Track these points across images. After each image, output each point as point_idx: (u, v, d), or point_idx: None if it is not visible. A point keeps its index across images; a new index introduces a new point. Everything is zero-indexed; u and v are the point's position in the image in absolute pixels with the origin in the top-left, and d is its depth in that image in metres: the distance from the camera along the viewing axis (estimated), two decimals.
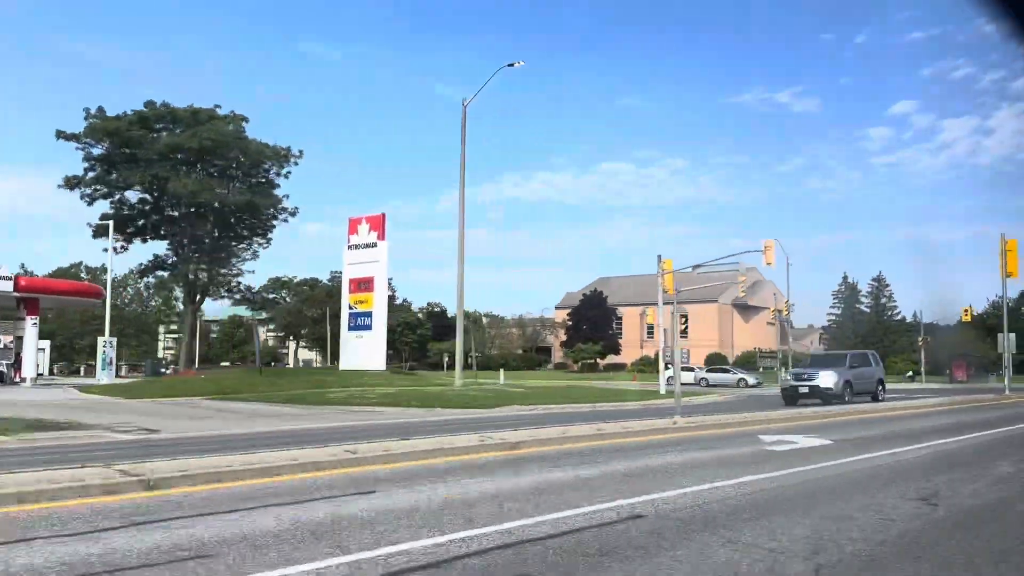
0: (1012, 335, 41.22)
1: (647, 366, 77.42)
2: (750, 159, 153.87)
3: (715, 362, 79.50)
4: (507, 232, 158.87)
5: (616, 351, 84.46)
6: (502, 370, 57.55)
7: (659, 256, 43.04)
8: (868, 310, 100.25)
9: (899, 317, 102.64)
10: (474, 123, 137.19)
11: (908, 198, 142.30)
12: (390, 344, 55.80)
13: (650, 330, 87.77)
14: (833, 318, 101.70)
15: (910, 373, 68.52)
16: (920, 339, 72.87)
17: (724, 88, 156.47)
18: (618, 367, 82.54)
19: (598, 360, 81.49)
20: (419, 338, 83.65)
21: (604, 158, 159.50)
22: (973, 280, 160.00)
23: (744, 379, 55.97)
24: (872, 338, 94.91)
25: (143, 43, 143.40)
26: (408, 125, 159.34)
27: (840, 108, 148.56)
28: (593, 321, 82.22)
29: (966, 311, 54.36)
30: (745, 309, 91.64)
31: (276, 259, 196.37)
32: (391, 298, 70.02)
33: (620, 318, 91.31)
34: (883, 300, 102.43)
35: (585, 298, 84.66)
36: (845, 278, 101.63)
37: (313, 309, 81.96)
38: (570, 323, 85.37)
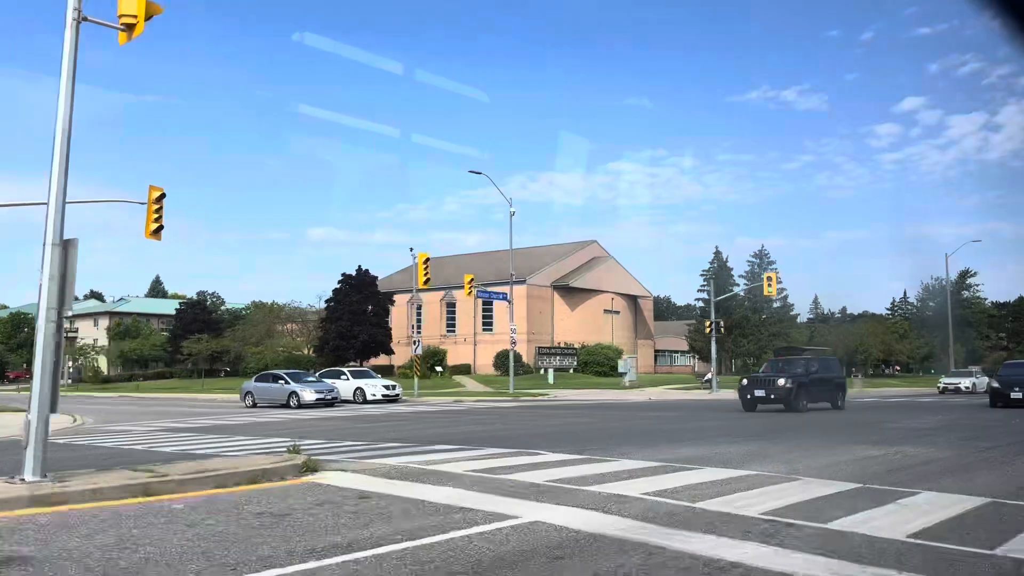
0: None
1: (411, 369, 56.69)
2: (757, 157, 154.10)
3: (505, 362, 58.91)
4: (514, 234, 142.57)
5: (384, 349, 63.35)
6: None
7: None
8: (743, 293, 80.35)
9: (787, 309, 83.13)
10: (480, 125, 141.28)
11: (916, 194, 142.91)
12: None
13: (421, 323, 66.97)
14: (702, 304, 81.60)
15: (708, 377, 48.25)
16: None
17: (730, 87, 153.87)
18: (385, 370, 61.48)
19: (361, 362, 60.25)
20: None
21: (611, 158, 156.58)
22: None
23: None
24: (740, 331, 75.02)
25: None
26: None
27: (847, 105, 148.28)
28: (353, 311, 61.02)
29: None
30: (572, 292, 70.98)
31: None
32: None
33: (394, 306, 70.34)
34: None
35: (346, 281, 63.37)
36: (717, 253, 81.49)
37: None
38: (324, 316, 64.16)
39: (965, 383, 44.25)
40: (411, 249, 41.66)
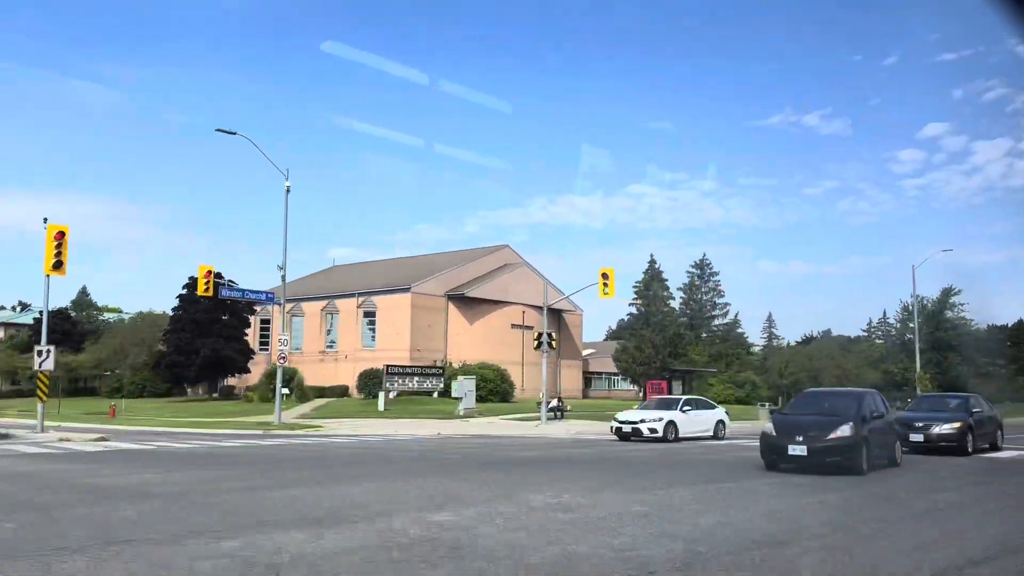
0: None
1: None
2: (779, 182, 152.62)
3: (370, 381, 49.71)
4: (534, 255, 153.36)
5: (234, 367, 54.03)
6: None
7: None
8: (681, 307, 70.58)
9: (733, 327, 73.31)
10: (498, 146, 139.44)
11: (940, 221, 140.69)
12: None
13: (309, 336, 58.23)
14: (631, 317, 71.88)
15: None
16: None
17: (751, 111, 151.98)
18: (227, 391, 52.28)
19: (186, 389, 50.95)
20: None
21: (631, 181, 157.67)
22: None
23: None
24: (671, 349, 65.32)
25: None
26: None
27: (870, 130, 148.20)
28: (198, 321, 51.77)
29: None
30: (470, 303, 61.53)
31: None
32: None
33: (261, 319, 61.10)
34: (705, 295, 72.92)
35: (193, 285, 54.12)
36: (652, 262, 71.69)
37: None
38: (168, 328, 54.95)
39: (651, 422, 24.64)
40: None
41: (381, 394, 44.72)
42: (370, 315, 60.66)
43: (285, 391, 50.42)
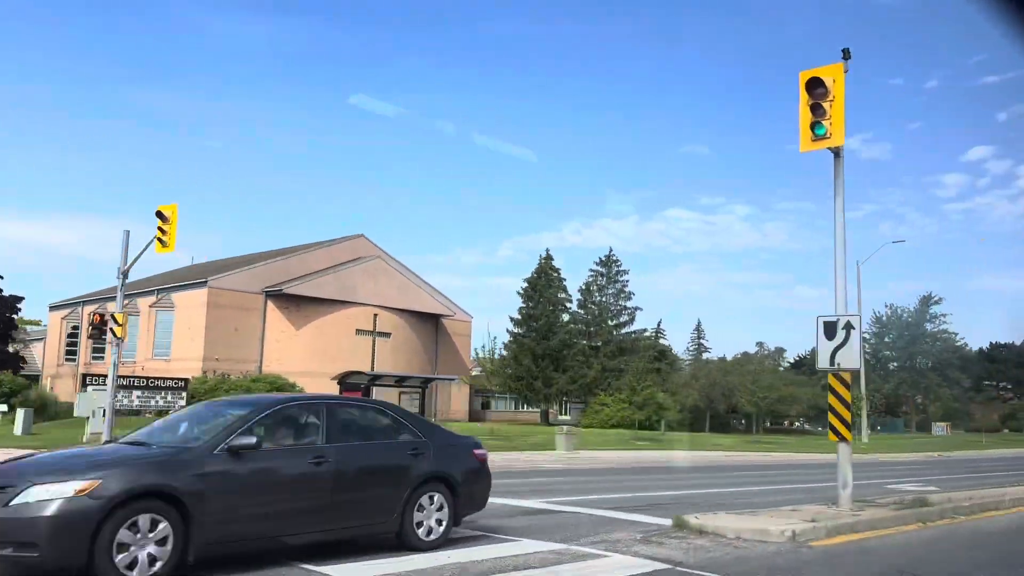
0: None
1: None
2: (816, 206, 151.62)
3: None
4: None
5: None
6: None
7: None
8: (579, 312, 58.48)
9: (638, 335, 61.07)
10: (532, 167, 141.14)
11: (985, 245, 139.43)
12: None
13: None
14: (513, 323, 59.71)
15: None
16: None
17: (789, 135, 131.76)
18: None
19: None
20: None
21: (668, 205, 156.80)
22: None
23: None
24: (552, 360, 53.42)
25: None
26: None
27: (911, 154, 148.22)
28: None
29: None
30: (299, 303, 49.92)
31: None
32: None
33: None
34: (611, 297, 60.81)
35: None
36: (547, 258, 59.60)
37: None
38: None
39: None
40: None
41: (93, 414, 32.85)
42: (166, 316, 49.08)
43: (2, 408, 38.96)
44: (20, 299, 54.40)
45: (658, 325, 69.98)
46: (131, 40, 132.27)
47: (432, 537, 8.24)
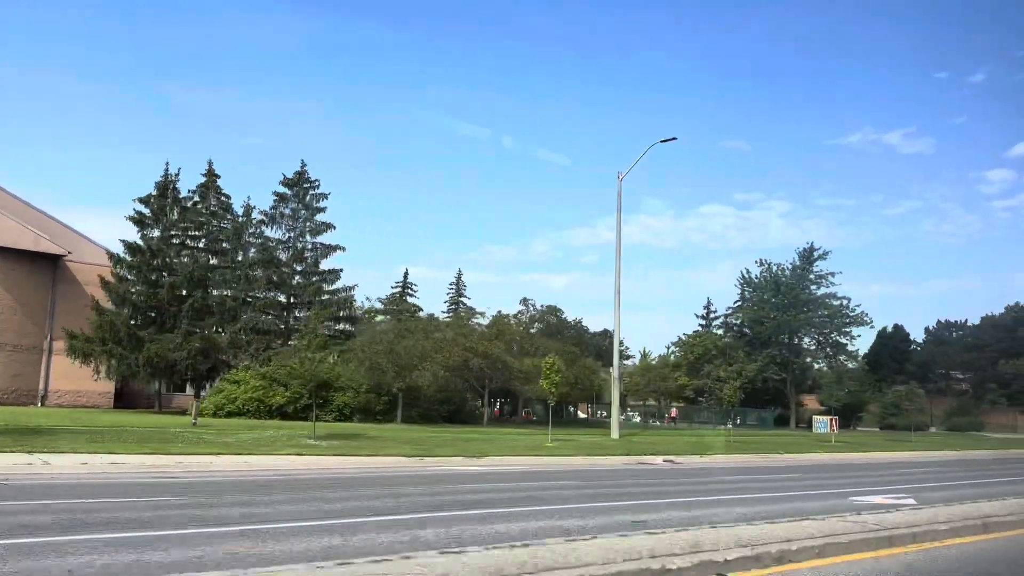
0: None
1: None
2: (857, 202, 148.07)
3: None
4: (598, 276, 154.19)
5: None
6: None
7: None
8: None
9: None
10: (567, 165, 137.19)
11: None
12: None
13: None
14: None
15: None
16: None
17: (830, 129, 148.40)
18: None
19: None
20: None
21: (704, 200, 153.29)
22: None
23: None
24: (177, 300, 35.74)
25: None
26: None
27: (955, 149, 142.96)
28: None
29: None
30: None
31: None
32: None
33: None
34: (298, 220, 44.03)
35: None
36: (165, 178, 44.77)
37: None
38: None
39: None
40: None
41: None
42: None
43: None
44: None
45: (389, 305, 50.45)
46: (179, 40, 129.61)
47: None
